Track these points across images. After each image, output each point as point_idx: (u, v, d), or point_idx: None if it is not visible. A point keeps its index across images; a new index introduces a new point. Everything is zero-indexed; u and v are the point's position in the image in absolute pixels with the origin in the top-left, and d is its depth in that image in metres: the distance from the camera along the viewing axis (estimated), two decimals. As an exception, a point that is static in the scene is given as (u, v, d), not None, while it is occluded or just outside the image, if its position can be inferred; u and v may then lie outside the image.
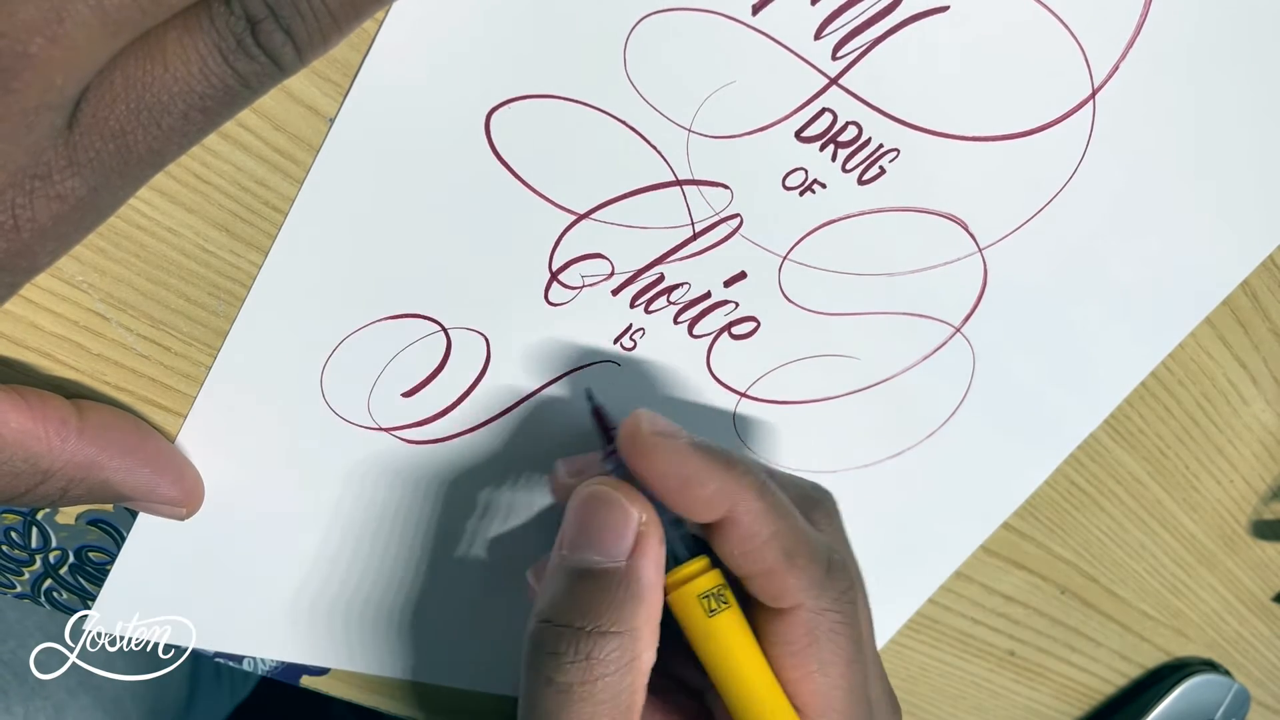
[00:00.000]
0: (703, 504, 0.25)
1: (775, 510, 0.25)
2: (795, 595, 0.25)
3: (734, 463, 0.25)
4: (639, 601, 0.24)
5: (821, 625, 0.25)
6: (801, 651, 0.25)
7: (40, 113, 0.16)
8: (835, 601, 0.25)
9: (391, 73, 0.22)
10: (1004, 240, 0.29)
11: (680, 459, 0.25)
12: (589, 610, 0.24)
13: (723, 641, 0.25)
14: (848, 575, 0.26)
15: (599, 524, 0.25)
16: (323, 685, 0.35)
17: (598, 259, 0.27)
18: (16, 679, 0.37)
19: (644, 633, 0.24)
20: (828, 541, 0.26)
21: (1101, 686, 0.51)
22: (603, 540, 0.25)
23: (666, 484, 0.25)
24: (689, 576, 0.26)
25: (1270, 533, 0.46)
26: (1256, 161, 0.29)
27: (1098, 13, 0.25)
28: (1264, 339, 0.37)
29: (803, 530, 0.26)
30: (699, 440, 0.25)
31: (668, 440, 0.25)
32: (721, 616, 0.25)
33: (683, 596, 0.25)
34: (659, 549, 0.25)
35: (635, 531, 0.25)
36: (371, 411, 0.28)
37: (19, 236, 0.18)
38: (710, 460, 0.25)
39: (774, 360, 0.31)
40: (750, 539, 0.25)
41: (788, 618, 0.25)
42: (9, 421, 0.22)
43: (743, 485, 0.25)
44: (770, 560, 0.25)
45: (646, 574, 0.24)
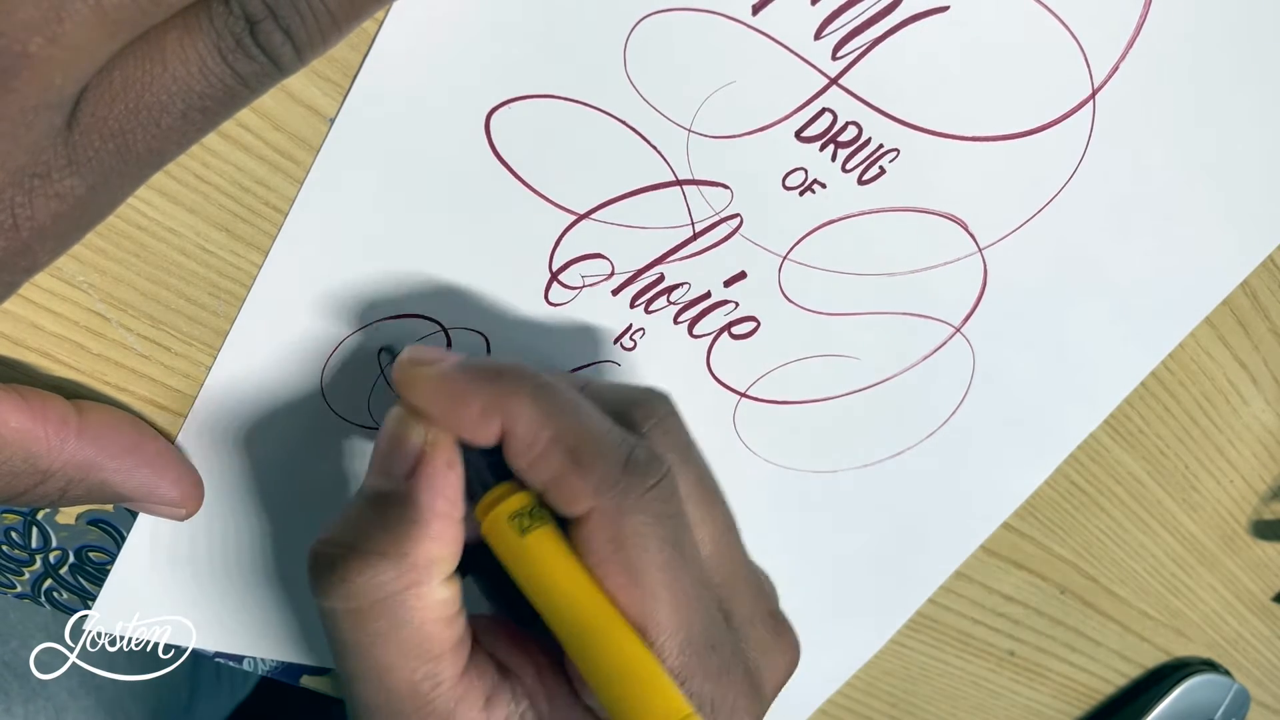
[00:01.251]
0: (477, 422, 0.23)
1: (554, 411, 0.23)
2: (586, 498, 0.22)
3: (503, 373, 0.23)
4: (415, 524, 0.22)
5: (625, 527, 0.22)
6: (608, 560, 0.22)
7: (39, 112, 0.16)
8: (639, 499, 0.22)
9: (391, 73, 0.22)
10: (1004, 240, 0.29)
11: (440, 382, 0.23)
12: (360, 531, 0.23)
13: (536, 559, 0.23)
14: (657, 470, 0.23)
15: (384, 448, 0.24)
16: (323, 685, 0.35)
17: (598, 259, 0.27)
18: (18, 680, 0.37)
19: (420, 561, 0.22)
20: (630, 438, 0.23)
21: (1101, 686, 0.51)
22: (387, 462, 0.23)
23: (437, 410, 0.23)
24: (496, 499, 0.23)
25: (1270, 533, 0.46)
26: (1256, 161, 0.30)
27: (1098, 13, 0.25)
28: (1264, 339, 0.37)
29: (589, 429, 0.23)
30: (466, 359, 0.24)
31: (430, 366, 0.23)
32: (534, 534, 0.23)
33: (493, 520, 0.23)
34: (445, 473, 0.23)
35: (416, 452, 0.23)
36: (371, 411, 0.28)
37: (18, 235, 0.18)
38: (475, 376, 0.23)
39: (774, 360, 0.31)
40: (530, 448, 0.22)
41: (586, 524, 0.23)
42: (8, 421, 0.22)
43: (511, 392, 0.23)
44: (555, 465, 0.22)
45: (424, 495, 0.23)
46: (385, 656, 0.22)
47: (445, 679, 0.23)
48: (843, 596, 0.39)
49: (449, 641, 0.23)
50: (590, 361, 0.29)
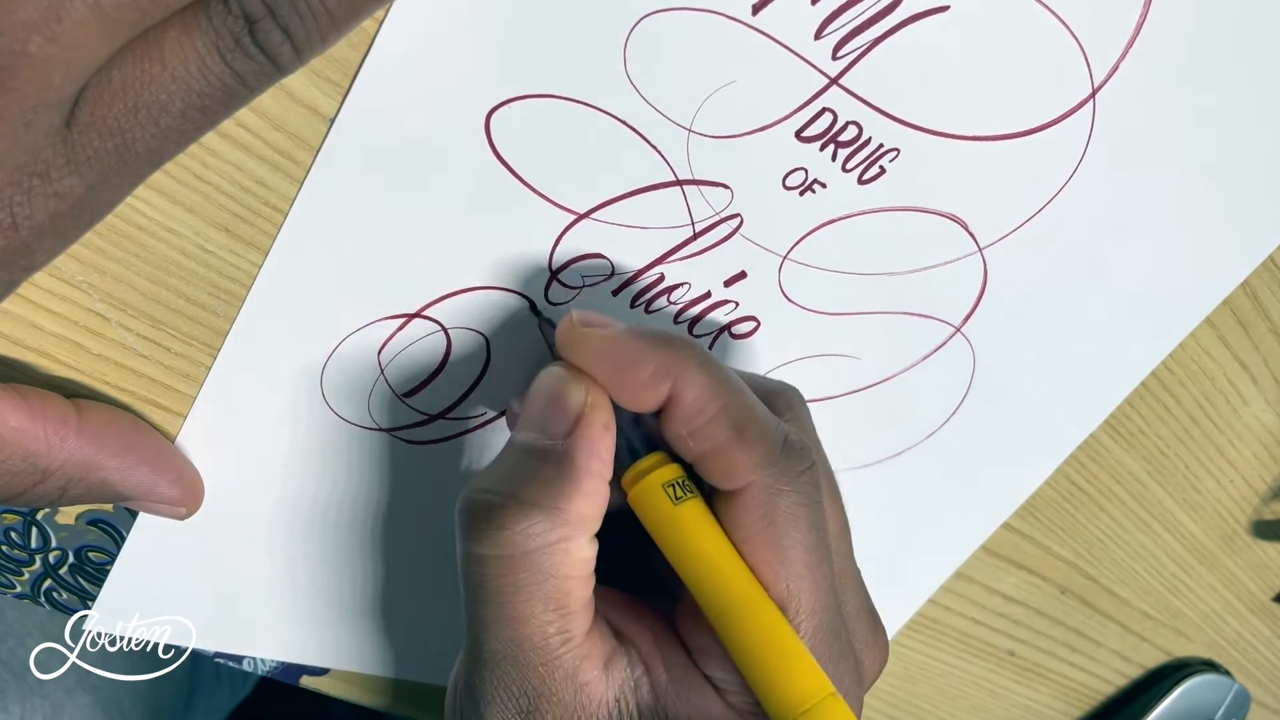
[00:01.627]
0: (644, 387, 0.23)
1: (722, 384, 0.23)
2: (747, 472, 0.23)
3: (674, 341, 0.24)
4: (570, 481, 0.23)
5: (778, 506, 0.23)
6: (758, 535, 0.23)
7: (39, 111, 0.16)
8: (792, 481, 0.23)
9: (391, 73, 0.22)
10: (1004, 240, 0.29)
11: (612, 344, 0.24)
12: (518, 482, 0.23)
13: (690, 530, 0.23)
14: (808, 456, 0.24)
15: (543, 404, 0.24)
16: (323, 685, 0.35)
17: (598, 259, 0.27)
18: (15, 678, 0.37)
19: (573, 517, 0.23)
20: (783, 424, 0.24)
21: (1101, 686, 0.51)
22: (544, 419, 0.24)
23: (604, 371, 0.24)
24: (649, 468, 0.24)
25: (1270, 533, 0.46)
26: (1256, 161, 0.29)
27: (1098, 13, 0.25)
28: (1264, 339, 0.37)
29: (754, 406, 0.24)
30: (634, 326, 0.24)
31: (598, 329, 0.24)
32: (687, 505, 0.24)
33: (646, 487, 0.24)
34: (603, 435, 0.24)
35: (576, 412, 0.23)
36: (371, 411, 0.28)
37: (17, 235, 0.18)
38: (646, 341, 0.24)
39: (774, 360, 0.31)
40: (696, 415, 0.23)
41: (741, 499, 0.23)
42: (8, 420, 0.22)
43: (684, 360, 0.23)
44: (719, 436, 0.23)
45: (581, 455, 0.23)
46: (525, 606, 0.23)
47: (575, 635, 0.23)
48: (843, 596, 0.39)
49: (584, 599, 0.23)
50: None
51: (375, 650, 0.34)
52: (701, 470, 0.24)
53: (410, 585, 0.33)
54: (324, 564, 0.31)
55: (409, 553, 0.32)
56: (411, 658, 0.35)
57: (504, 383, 0.28)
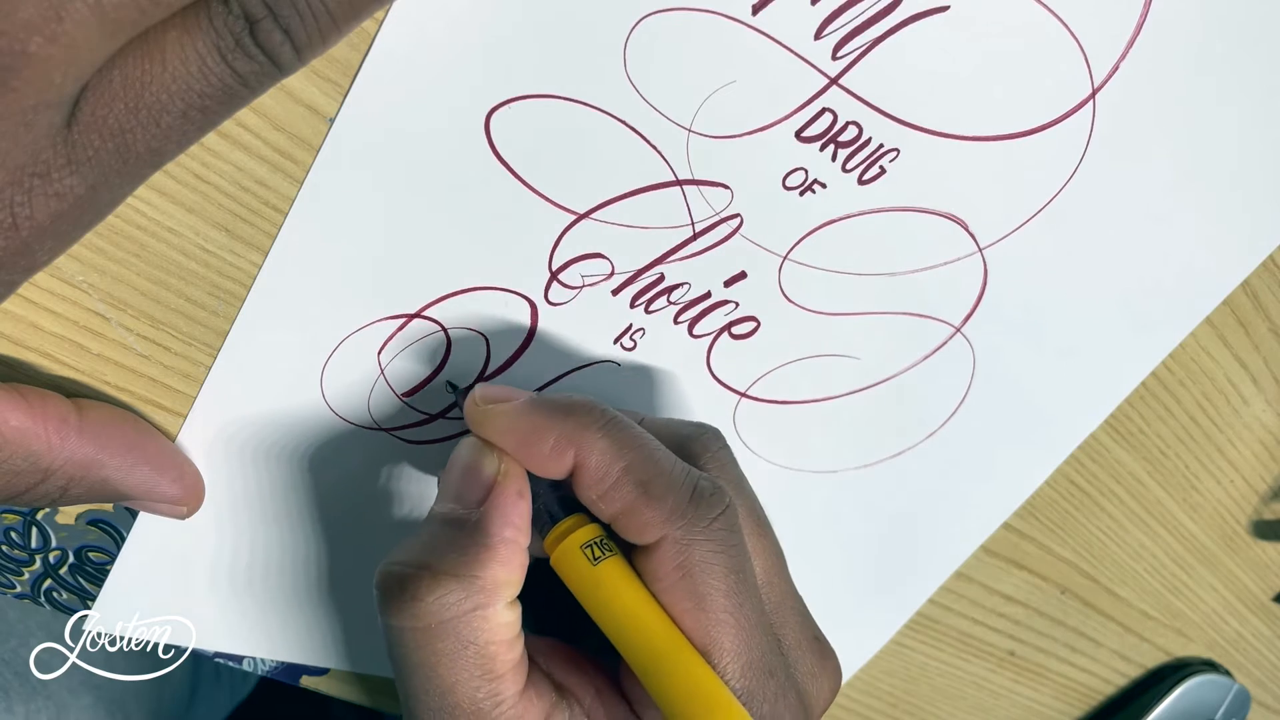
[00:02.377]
0: (549, 458, 0.24)
1: (625, 445, 0.24)
2: (658, 527, 0.24)
3: (574, 408, 0.24)
4: (484, 549, 0.23)
5: (692, 556, 0.24)
6: (675, 586, 0.24)
7: (39, 111, 0.16)
8: (705, 530, 0.24)
9: (391, 73, 0.22)
10: (1004, 240, 0.29)
11: (513, 418, 0.24)
12: (432, 553, 0.23)
13: (610, 590, 0.24)
14: (720, 502, 0.24)
15: (458, 475, 0.25)
16: (323, 685, 0.35)
17: (598, 259, 0.27)
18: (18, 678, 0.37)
19: (488, 584, 0.23)
20: (694, 471, 0.25)
21: (1101, 686, 0.51)
22: (460, 489, 0.25)
23: (510, 445, 0.25)
24: (567, 530, 0.25)
25: (1270, 533, 0.46)
26: (1257, 161, 0.29)
27: (1098, 13, 0.25)
28: (1264, 339, 0.37)
29: (658, 461, 0.24)
30: (537, 397, 0.25)
31: (503, 404, 0.25)
32: (605, 564, 0.24)
33: (564, 550, 0.25)
34: (516, 502, 0.24)
35: (489, 482, 0.24)
36: (371, 411, 0.28)
37: (18, 235, 0.18)
38: (547, 412, 0.24)
39: (774, 360, 0.31)
40: (603, 480, 0.24)
41: (656, 552, 0.24)
42: (9, 420, 0.22)
43: (583, 427, 0.24)
44: (626, 496, 0.24)
45: (494, 523, 0.24)
46: (449, 675, 0.23)
47: (506, 697, 0.24)
48: (843, 597, 0.39)
49: (510, 662, 0.24)
50: (590, 361, 0.29)
51: (375, 650, 0.34)
52: (617, 529, 0.25)
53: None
54: (324, 564, 0.31)
55: (409, 553, 0.32)
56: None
57: (504, 383, 0.28)
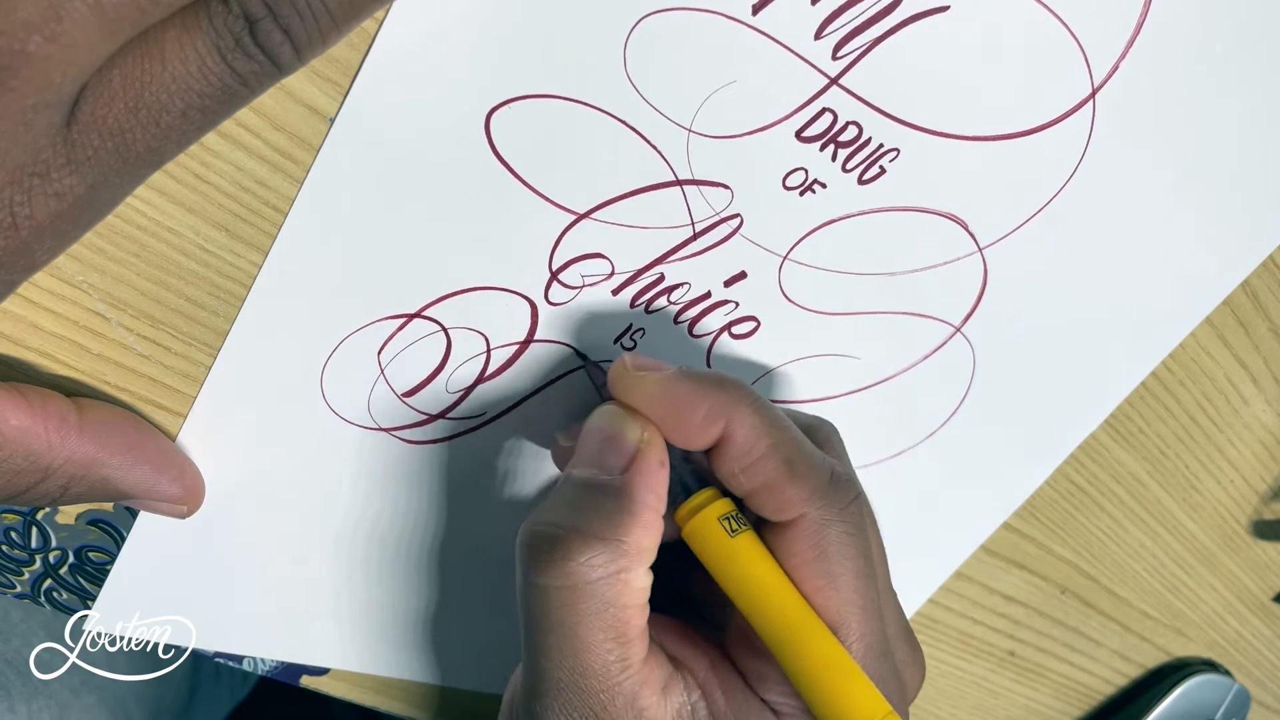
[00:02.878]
0: (698, 427, 0.25)
1: (772, 423, 0.25)
2: (799, 505, 0.25)
3: (725, 382, 0.25)
4: (629, 515, 0.24)
5: (828, 535, 0.25)
6: (810, 564, 0.25)
7: (38, 111, 0.16)
8: (841, 512, 0.25)
9: (391, 73, 0.22)
10: (1004, 240, 0.29)
11: (666, 387, 0.25)
12: (579, 515, 0.24)
13: (746, 561, 0.25)
14: (854, 488, 0.26)
15: (600, 440, 0.25)
16: (323, 685, 0.35)
17: (598, 259, 0.27)
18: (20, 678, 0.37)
19: (632, 549, 0.24)
20: (829, 458, 0.26)
21: (1101, 686, 0.51)
22: (601, 455, 0.25)
23: (659, 413, 0.25)
24: (703, 503, 0.26)
25: (1270, 533, 0.46)
26: (1257, 161, 0.29)
27: (1098, 13, 0.25)
28: (1264, 339, 0.37)
29: (802, 441, 0.25)
30: (686, 368, 0.26)
31: (655, 373, 0.25)
32: (741, 537, 0.25)
33: (702, 521, 0.25)
34: (658, 470, 0.25)
35: (633, 449, 0.25)
36: (371, 411, 0.28)
37: (17, 234, 0.18)
38: (699, 383, 0.25)
39: (774, 360, 0.31)
40: (749, 453, 0.25)
41: (793, 530, 0.25)
42: (9, 419, 0.22)
43: (735, 401, 0.25)
44: (771, 471, 0.25)
45: (638, 490, 0.24)
46: (587, 635, 0.24)
47: (634, 663, 0.24)
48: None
49: (639, 628, 0.24)
50: (591, 361, 0.29)
51: (375, 650, 0.34)
52: (753, 504, 0.25)
53: (410, 585, 0.33)
54: (324, 564, 0.31)
55: (409, 553, 0.32)
56: (411, 657, 0.35)
57: (504, 383, 0.28)
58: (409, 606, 0.33)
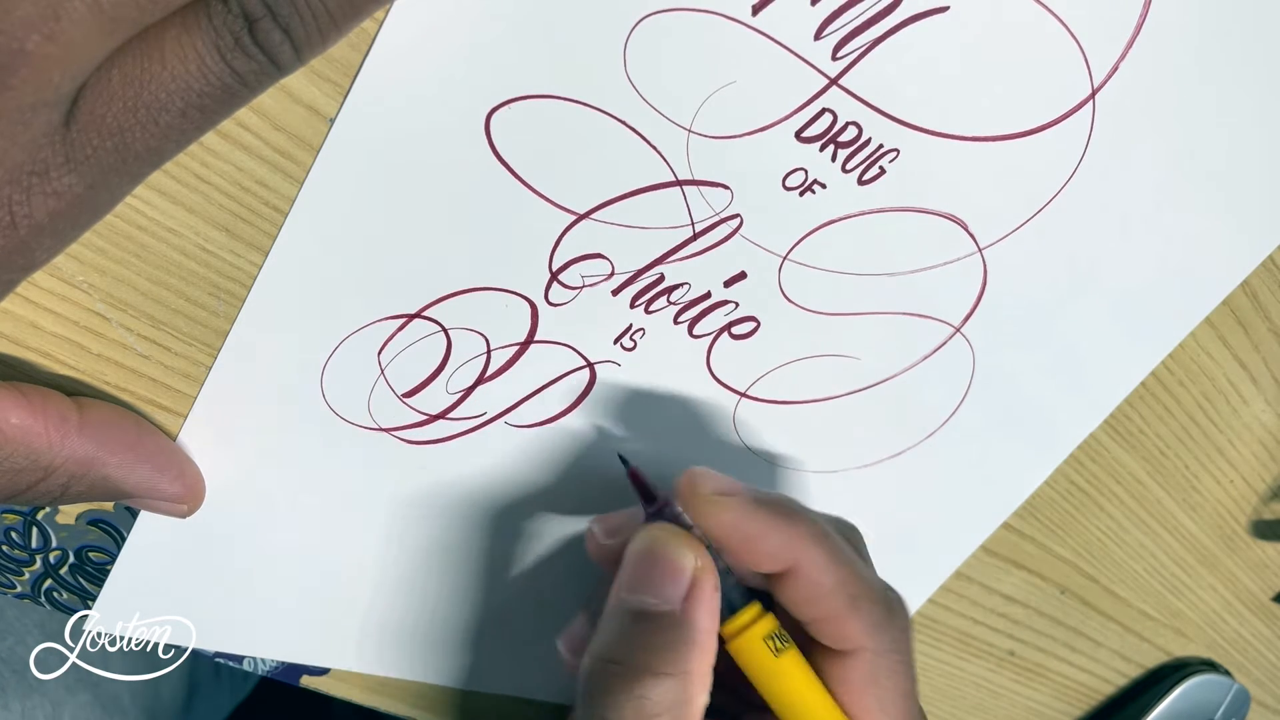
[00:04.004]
0: (767, 558, 0.26)
1: (837, 559, 0.26)
2: (859, 639, 0.26)
3: (795, 516, 0.26)
4: (693, 645, 0.25)
5: (882, 666, 0.26)
6: (862, 691, 0.26)
7: (37, 110, 0.16)
8: (895, 642, 0.26)
9: (391, 73, 0.22)
10: (1004, 240, 0.29)
11: (743, 517, 0.26)
12: (644, 651, 0.25)
13: (791, 680, 0.26)
14: (904, 613, 0.27)
15: (656, 569, 0.26)
16: (323, 685, 0.35)
17: (598, 259, 0.27)
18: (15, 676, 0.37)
19: (696, 676, 0.25)
20: (884, 583, 0.27)
21: (1101, 686, 0.51)
22: (659, 584, 0.26)
23: (731, 541, 0.26)
24: (749, 622, 0.26)
25: (1270, 533, 0.46)
26: (1256, 161, 0.29)
27: (1098, 13, 0.25)
28: (1264, 339, 0.37)
29: (863, 575, 0.26)
30: (759, 494, 0.26)
31: (729, 499, 0.26)
32: (787, 656, 0.26)
33: (748, 639, 0.26)
34: (713, 595, 0.26)
35: (690, 577, 0.25)
36: (371, 411, 0.28)
37: (16, 234, 0.18)
38: (773, 515, 0.26)
39: (774, 360, 0.31)
40: (815, 587, 0.26)
41: (849, 659, 0.26)
42: (10, 418, 0.22)
43: (805, 537, 0.26)
44: (835, 606, 0.26)
45: (700, 619, 0.25)
46: None
47: None
48: (843, 596, 0.39)
49: None
50: (590, 361, 0.29)
51: (375, 650, 0.34)
52: (812, 631, 0.26)
53: (410, 585, 0.33)
54: (324, 564, 0.31)
55: (408, 553, 0.32)
56: (412, 657, 0.35)
57: (504, 383, 0.28)
58: (409, 606, 0.33)
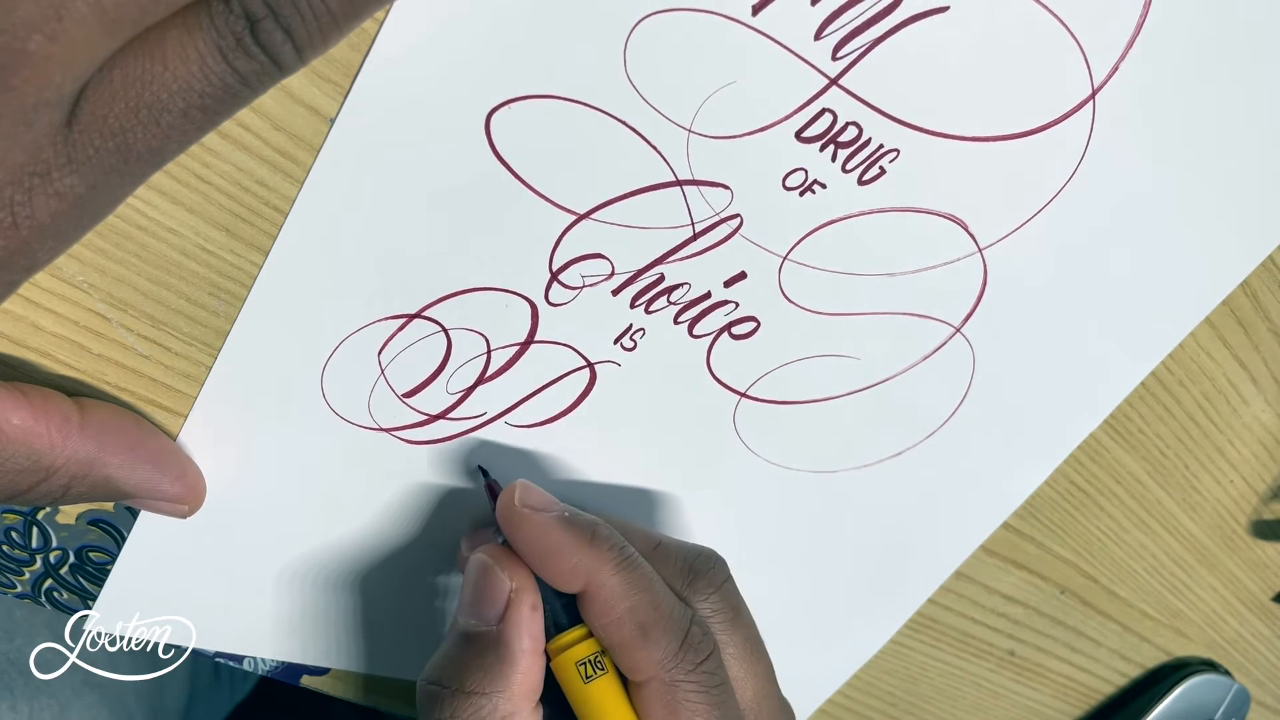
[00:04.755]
0: (564, 575, 0.26)
1: (632, 584, 0.26)
2: (648, 668, 0.26)
3: (597, 537, 0.27)
4: (507, 664, 0.26)
5: (676, 696, 0.26)
6: None
7: (39, 110, 0.16)
8: (689, 673, 0.26)
9: (392, 73, 0.22)
10: (1004, 240, 0.29)
11: (543, 532, 0.26)
12: (461, 672, 0.26)
13: (598, 706, 0.27)
14: (706, 648, 0.27)
15: (476, 590, 0.27)
16: (323, 685, 0.35)
17: (598, 259, 0.27)
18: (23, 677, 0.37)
19: (514, 694, 0.26)
20: (688, 613, 0.27)
21: (1101, 686, 0.51)
22: (478, 605, 0.27)
23: (531, 554, 0.27)
24: (568, 644, 0.27)
25: (1270, 533, 0.46)
26: (1256, 161, 0.30)
27: (1098, 13, 0.25)
28: (1264, 339, 0.37)
29: (660, 604, 0.27)
30: (569, 514, 0.27)
31: (535, 514, 0.27)
32: (597, 683, 0.27)
33: (562, 662, 0.27)
34: (531, 616, 0.26)
35: (505, 599, 0.26)
36: (371, 411, 0.28)
37: (18, 234, 0.18)
38: (573, 534, 0.26)
39: (774, 360, 0.31)
40: (607, 611, 0.26)
41: (645, 690, 0.26)
42: (11, 419, 0.22)
43: (601, 560, 0.26)
44: (626, 633, 0.26)
45: (514, 639, 0.26)
46: None
47: None
48: (843, 596, 0.39)
49: None
50: (590, 361, 0.29)
51: (375, 650, 0.34)
52: (612, 658, 0.27)
53: (410, 585, 0.33)
54: (324, 564, 0.31)
55: (409, 553, 0.32)
56: (411, 657, 0.35)
57: (504, 383, 0.28)
58: (409, 606, 0.33)
